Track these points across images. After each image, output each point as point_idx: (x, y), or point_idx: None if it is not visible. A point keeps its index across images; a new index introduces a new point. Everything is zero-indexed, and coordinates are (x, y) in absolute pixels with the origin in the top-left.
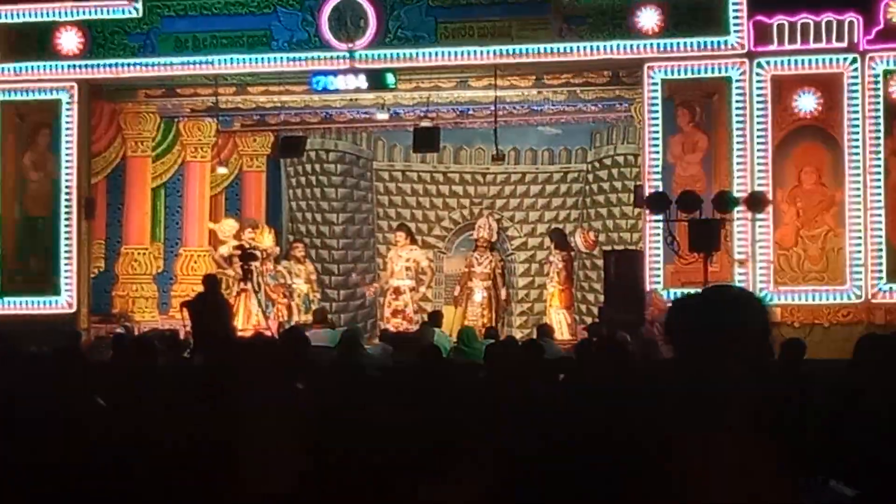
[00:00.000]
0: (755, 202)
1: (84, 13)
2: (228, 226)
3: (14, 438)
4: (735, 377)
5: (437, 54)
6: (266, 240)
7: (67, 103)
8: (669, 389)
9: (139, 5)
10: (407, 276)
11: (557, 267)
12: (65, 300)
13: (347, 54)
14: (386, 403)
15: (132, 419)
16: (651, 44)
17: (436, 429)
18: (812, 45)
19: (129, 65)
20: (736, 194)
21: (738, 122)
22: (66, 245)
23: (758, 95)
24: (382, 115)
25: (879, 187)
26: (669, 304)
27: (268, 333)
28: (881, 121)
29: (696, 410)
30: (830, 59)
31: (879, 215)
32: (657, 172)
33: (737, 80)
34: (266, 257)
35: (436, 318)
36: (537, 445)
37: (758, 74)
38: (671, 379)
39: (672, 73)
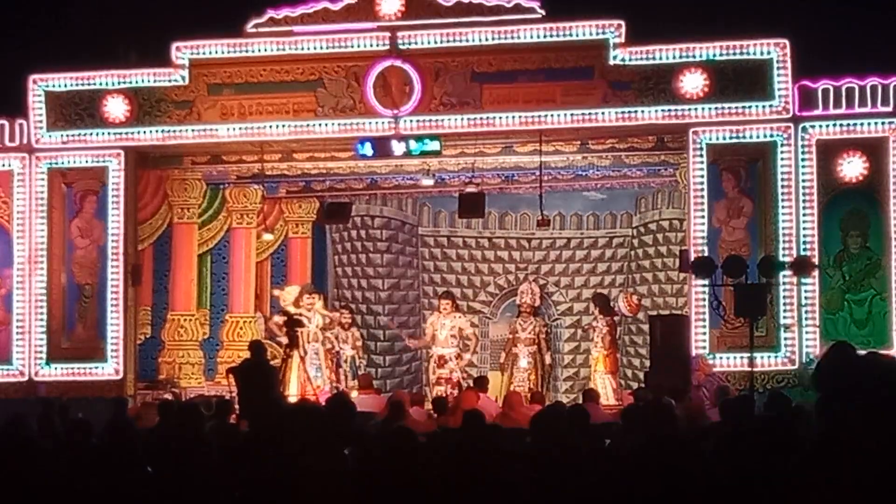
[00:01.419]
0: (801, 266)
1: (131, 81)
2: (291, 292)
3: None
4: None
5: (482, 120)
6: (316, 306)
7: (114, 170)
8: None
9: (185, 73)
10: (452, 343)
11: (602, 332)
12: (111, 366)
13: (393, 121)
14: (432, 468)
15: (179, 485)
16: (696, 108)
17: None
18: (857, 110)
19: (175, 132)
20: (782, 259)
21: (783, 186)
22: (113, 311)
23: (803, 159)
24: (428, 181)
25: None
26: (821, 357)
27: (315, 400)
28: None
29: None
30: (875, 123)
31: None
32: (702, 237)
33: (782, 145)
34: (329, 323)
35: (482, 383)
36: None
37: (803, 139)
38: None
39: (717, 137)
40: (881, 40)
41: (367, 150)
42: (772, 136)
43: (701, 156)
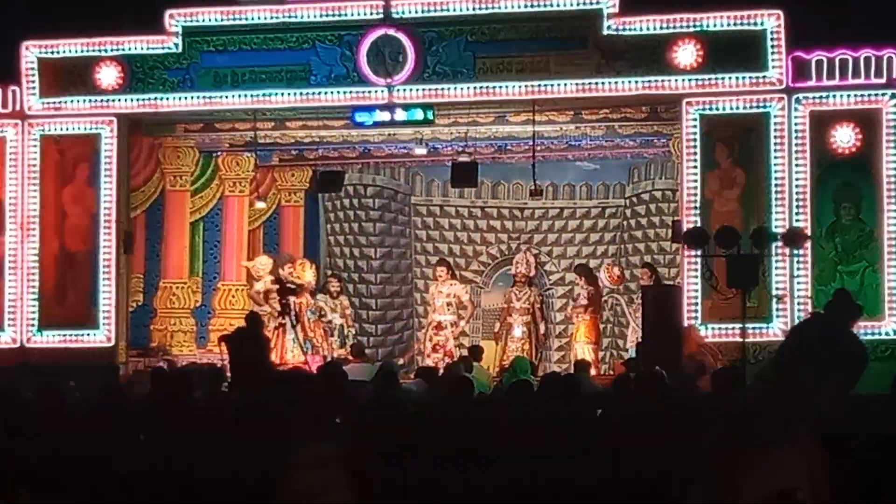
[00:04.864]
0: (793, 238)
1: (124, 48)
2: (262, 263)
3: (56, 472)
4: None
5: (475, 89)
6: (307, 275)
7: (107, 138)
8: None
9: (179, 41)
10: (448, 311)
11: (582, 300)
12: (103, 334)
13: (386, 89)
14: (423, 436)
15: (170, 453)
16: (689, 79)
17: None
18: (850, 81)
19: (168, 99)
20: (774, 230)
21: (776, 157)
22: (105, 279)
23: (796, 131)
24: (420, 150)
25: None
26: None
27: (306, 368)
28: None
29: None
30: (868, 95)
31: None
32: (695, 208)
33: (775, 116)
34: (303, 291)
35: (476, 352)
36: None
37: (796, 110)
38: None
39: (710, 108)
40: (875, 12)
41: (363, 118)
42: (765, 107)
43: (694, 126)
